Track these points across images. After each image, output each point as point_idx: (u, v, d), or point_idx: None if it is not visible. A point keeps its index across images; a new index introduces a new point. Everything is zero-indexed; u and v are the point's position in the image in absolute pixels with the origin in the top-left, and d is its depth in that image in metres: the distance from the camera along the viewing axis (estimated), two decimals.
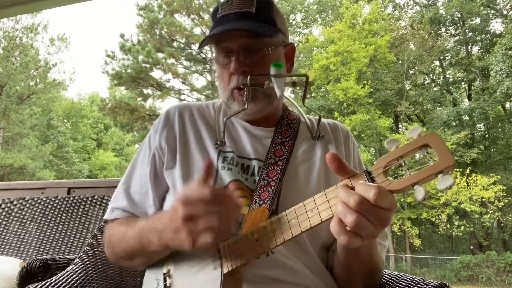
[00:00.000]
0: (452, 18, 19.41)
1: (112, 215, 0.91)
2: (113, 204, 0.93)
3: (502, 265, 14.03)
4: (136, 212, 0.90)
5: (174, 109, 0.97)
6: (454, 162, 0.53)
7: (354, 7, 18.47)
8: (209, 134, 0.92)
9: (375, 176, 0.58)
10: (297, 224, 0.63)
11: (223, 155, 0.88)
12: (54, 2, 2.10)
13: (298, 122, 0.98)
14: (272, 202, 0.79)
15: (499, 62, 15.23)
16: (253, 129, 0.95)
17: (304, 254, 0.82)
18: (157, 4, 17.38)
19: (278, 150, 0.89)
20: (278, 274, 0.77)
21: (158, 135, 0.93)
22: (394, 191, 0.57)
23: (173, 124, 0.94)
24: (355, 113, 17.38)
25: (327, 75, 18.14)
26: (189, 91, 18.79)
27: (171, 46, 17.86)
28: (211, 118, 0.97)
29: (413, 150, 0.56)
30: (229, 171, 0.85)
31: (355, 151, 0.99)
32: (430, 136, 0.55)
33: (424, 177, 0.54)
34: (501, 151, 18.11)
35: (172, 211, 0.66)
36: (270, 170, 0.85)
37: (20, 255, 1.78)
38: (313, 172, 0.89)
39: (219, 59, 0.92)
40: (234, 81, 0.88)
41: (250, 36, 0.87)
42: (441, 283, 0.84)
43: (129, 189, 0.92)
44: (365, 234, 0.56)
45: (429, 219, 16.83)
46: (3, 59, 18.72)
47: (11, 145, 20.27)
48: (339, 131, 1.00)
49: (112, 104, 17.41)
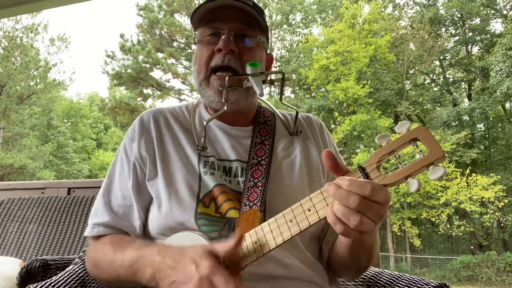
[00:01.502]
0: (452, 18, 19.41)
1: (94, 231, 0.86)
2: (94, 220, 0.87)
3: (502, 265, 14.04)
4: (120, 226, 0.86)
5: (148, 116, 0.94)
6: (443, 153, 0.55)
7: (354, 7, 18.46)
8: (186, 138, 0.90)
9: (369, 171, 0.60)
10: (295, 224, 0.64)
11: (203, 160, 0.86)
12: (54, 2, 2.10)
13: (273, 119, 0.98)
14: (262, 203, 0.78)
15: (499, 62, 15.23)
16: (231, 129, 0.93)
17: (296, 248, 0.82)
18: (157, 4, 17.38)
19: (259, 149, 0.88)
20: (273, 270, 0.78)
21: (135, 145, 0.89)
22: (388, 185, 0.59)
23: (149, 131, 0.91)
24: (355, 113, 17.38)
25: (327, 75, 18.14)
26: (189, 91, 18.79)
27: (171, 46, 17.86)
28: (187, 122, 0.94)
29: (404, 144, 0.58)
30: (212, 175, 0.83)
31: (330, 142, 1.00)
32: (419, 130, 0.57)
33: (416, 169, 0.56)
34: (501, 151, 18.11)
35: (186, 262, 0.62)
36: (254, 170, 0.84)
37: (20, 255, 1.78)
38: (295, 168, 0.89)
39: (203, 37, 0.89)
40: (217, 58, 0.85)
41: (245, 23, 0.87)
42: (441, 283, 0.84)
43: (110, 203, 0.87)
44: (366, 230, 0.57)
45: (429, 219, 16.83)
46: (3, 59, 18.72)
47: (11, 145, 20.26)
48: (313, 124, 1.00)
49: (112, 104, 17.42)
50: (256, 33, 0.89)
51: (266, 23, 0.91)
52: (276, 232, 0.65)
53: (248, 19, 0.87)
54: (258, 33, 0.90)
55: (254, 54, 0.88)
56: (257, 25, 0.89)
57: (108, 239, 0.85)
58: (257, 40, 0.89)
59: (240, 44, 0.87)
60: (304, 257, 0.83)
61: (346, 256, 0.80)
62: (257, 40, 0.89)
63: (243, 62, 0.85)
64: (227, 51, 0.84)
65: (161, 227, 0.82)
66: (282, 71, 0.87)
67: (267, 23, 0.93)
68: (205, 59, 0.88)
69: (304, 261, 0.82)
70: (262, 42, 0.91)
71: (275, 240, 0.65)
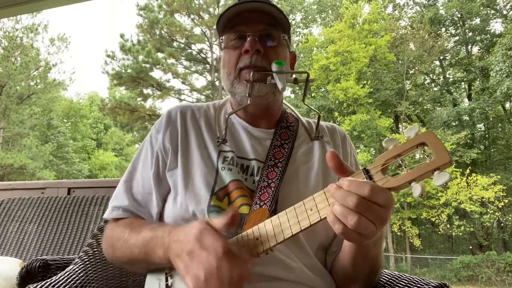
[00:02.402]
0: (452, 18, 19.41)
1: (113, 214, 0.90)
2: (114, 203, 0.91)
3: (502, 265, 14.03)
4: (138, 211, 0.89)
5: (176, 109, 0.97)
6: (450, 159, 0.54)
7: (354, 7, 18.46)
8: (209, 134, 0.93)
9: (373, 174, 0.60)
10: (296, 223, 0.64)
11: (223, 155, 0.89)
12: (54, 2, 2.11)
13: (296, 124, 1.00)
14: (272, 203, 0.79)
15: (499, 62, 15.23)
16: (253, 130, 0.95)
17: (302, 253, 0.82)
18: (157, 4, 17.39)
19: (278, 152, 0.90)
20: (277, 272, 0.78)
21: (161, 135, 0.92)
22: (391, 188, 0.58)
23: (175, 124, 0.94)
24: (355, 113, 17.38)
25: (327, 75, 18.14)
26: (189, 91, 18.80)
27: (171, 46, 17.86)
28: (212, 118, 0.98)
29: (411, 149, 0.58)
30: (229, 171, 0.85)
31: (352, 153, 1.00)
32: (427, 134, 0.57)
33: (420, 174, 0.56)
34: (501, 151, 18.11)
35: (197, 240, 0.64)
36: (270, 171, 0.86)
37: (20, 255, 1.78)
38: (312, 174, 0.90)
39: (229, 42, 0.92)
40: (245, 59, 0.88)
41: (268, 24, 0.90)
42: (441, 283, 0.84)
43: (131, 189, 0.91)
44: (365, 232, 0.57)
45: (429, 219, 16.84)
46: (3, 59, 18.72)
47: (11, 145, 20.26)
48: (337, 134, 1.01)
49: (112, 104, 17.42)
50: (279, 33, 0.92)
51: (289, 21, 0.93)
52: (277, 229, 0.66)
53: (271, 20, 0.90)
54: (281, 32, 0.92)
55: (279, 53, 0.91)
56: (279, 25, 0.92)
57: (126, 221, 0.88)
58: (280, 39, 0.92)
59: (265, 44, 0.89)
60: (311, 263, 0.83)
61: (349, 267, 0.80)
62: (280, 39, 0.92)
63: (270, 61, 0.87)
64: (254, 51, 0.87)
65: (176, 217, 0.85)
66: (307, 71, 0.88)
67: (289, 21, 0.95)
68: (234, 61, 0.91)
69: (310, 267, 0.82)
70: (285, 40, 0.94)
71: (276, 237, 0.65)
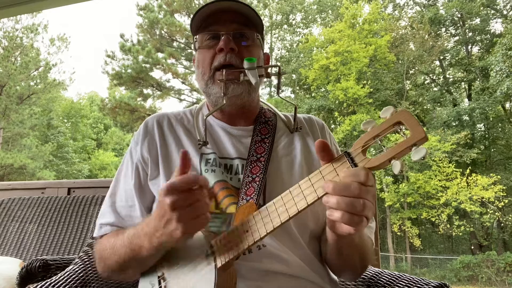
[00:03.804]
0: (452, 18, 19.40)
1: (101, 231, 0.91)
2: (101, 221, 0.93)
3: (502, 265, 14.03)
4: (124, 226, 0.90)
5: (152, 119, 0.99)
6: (425, 134, 0.56)
7: (354, 7, 18.46)
8: (189, 139, 0.94)
9: (354, 156, 0.62)
10: (285, 211, 0.65)
11: (205, 158, 0.89)
12: (54, 2, 2.11)
13: (274, 118, 1.01)
14: (259, 197, 0.81)
15: (499, 62, 15.23)
16: (232, 129, 0.96)
17: (296, 245, 0.83)
18: (157, 4, 17.38)
19: (259, 147, 0.91)
20: (272, 267, 0.78)
21: (139, 147, 0.94)
22: (373, 168, 0.61)
23: (152, 134, 0.95)
24: (355, 113, 17.38)
25: (327, 75, 18.14)
26: (189, 91, 18.79)
27: (171, 46, 17.85)
28: (190, 124, 0.99)
29: (388, 128, 0.60)
30: (213, 172, 0.86)
31: (332, 142, 1.01)
32: (402, 113, 0.59)
33: (399, 151, 0.58)
34: (501, 151, 18.11)
35: (158, 207, 0.66)
36: (253, 167, 0.87)
37: (20, 255, 1.78)
38: (295, 164, 0.91)
39: (203, 42, 0.93)
40: (220, 58, 0.89)
41: (242, 24, 0.91)
42: (441, 283, 0.84)
43: (115, 204, 0.92)
44: (369, 214, 0.60)
45: (429, 219, 16.83)
46: (3, 59, 18.72)
47: (11, 145, 20.26)
48: (314, 124, 1.03)
49: (112, 104, 17.41)
50: (253, 32, 0.93)
51: (262, 22, 0.95)
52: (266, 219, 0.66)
53: (244, 19, 0.92)
54: (254, 32, 0.94)
55: (252, 51, 0.92)
56: (252, 25, 0.93)
57: (111, 233, 0.90)
58: (254, 38, 0.94)
59: (239, 43, 0.91)
60: (304, 255, 0.84)
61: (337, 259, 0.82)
62: (254, 39, 0.94)
63: (243, 59, 0.87)
64: (228, 49, 0.88)
65: None
66: (278, 64, 0.90)
67: (263, 22, 0.97)
68: (208, 60, 0.91)
69: (304, 259, 0.83)
70: (258, 40, 0.95)
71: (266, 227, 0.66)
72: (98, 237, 0.92)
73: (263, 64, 0.99)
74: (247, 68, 0.85)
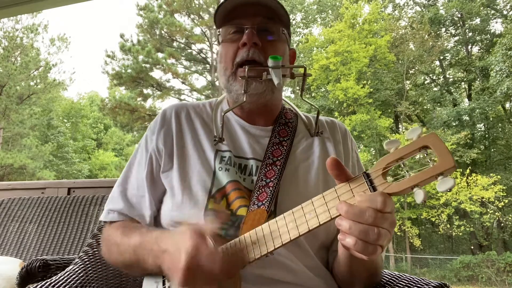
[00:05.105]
0: (452, 18, 19.40)
1: (108, 217, 0.90)
2: (109, 206, 0.91)
3: (502, 265, 14.03)
4: (132, 214, 0.89)
5: (171, 109, 0.96)
6: (454, 163, 0.52)
7: (354, 7, 18.46)
8: (205, 133, 0.91)
9: (374, 178, 0.58)
10: (295, 227, 0.62)
11: (220, 155, 0.86)
12: (54, 2, 2.10)
13: (295, 120, 0.97)
14: (270, 204, 0.78)
15: (499, 62, 15.23)
16: (251, 127, 0.93)
17: (304, 254, 0.81)
18: (157, 4, 17.38)
19: (276, 149, 0.88)
20: (278, 275, 0.77)
21: (155, 137, 0.91)
22: (393, 194, 0.56)
23: (169, 124, 0.92)
24: (355, 113, 17.37)
25: (327, 75, 18.14)
26: (189, 91, 18.79)
27: (171, 46, 17.85)
28: (208, 117, 0.95)
29: (413, 152, 0.56)
30: (227, 171, 0.83)
31: (353, 149, 0.97)
32: (430, 137, 0.54)
33: (424, 179, 0.53)
34: (501, 151, 18.10)
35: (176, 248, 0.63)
36: (268, 170, 0.83)
37: (20, 255, 1.78)
38: (312, 172, 0.88)
39: (227, 35, 0.89)
40: (243, 53, 0.85)
41: (267, 17, 0.87)
42: (441, 283, 0.84)
43: (126, 191, 0.90)
44: (384, 243, 0.57)
45: (429, 219, 16.83)
46: (3, 59, 18.72)
47: (11, 145, 20.26)
48: (337, 129, 0.98)
49: (112, 104, 17.42)
50: (278, 27, 0.89)
51: (288, 16, 0.91)
52: (275, 234, 0.64)
53: (270, 13, 0.87)
54: (280, 26, 0.89)
55: (277, 47, 0.88)
56: (278, 19, 0.89)
57: (119, 224, 0.88)
58: (279, 33, 0.89)
59: (263, 38, 0.86)
60: (312, 264, 0.82)
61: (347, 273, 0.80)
62: (279, 34, 0.89)
63: (267, 55, 0.84)
64: (251, 44, 0.84)
65: (172, 219, 0.84)
66: (303, 65, 0.85)
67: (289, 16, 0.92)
68: (231, 55, 0.88)
69: (311, 268, 0.81)
70: (284, 35, 0.91)
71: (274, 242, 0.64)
72: (108, 223, 0.91)
73: (289, 62, 0.95)
74: (271, 67, 0.81)
